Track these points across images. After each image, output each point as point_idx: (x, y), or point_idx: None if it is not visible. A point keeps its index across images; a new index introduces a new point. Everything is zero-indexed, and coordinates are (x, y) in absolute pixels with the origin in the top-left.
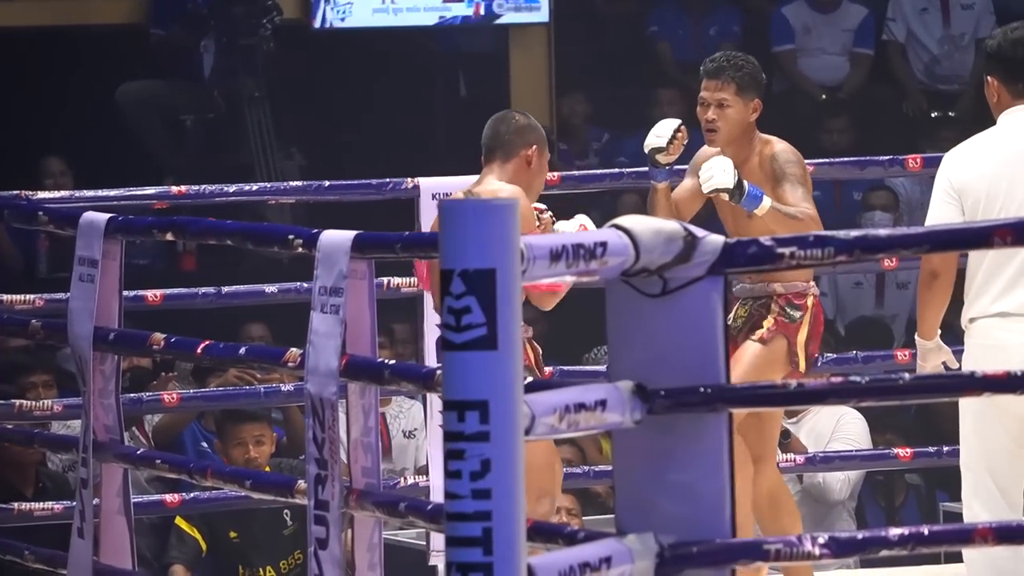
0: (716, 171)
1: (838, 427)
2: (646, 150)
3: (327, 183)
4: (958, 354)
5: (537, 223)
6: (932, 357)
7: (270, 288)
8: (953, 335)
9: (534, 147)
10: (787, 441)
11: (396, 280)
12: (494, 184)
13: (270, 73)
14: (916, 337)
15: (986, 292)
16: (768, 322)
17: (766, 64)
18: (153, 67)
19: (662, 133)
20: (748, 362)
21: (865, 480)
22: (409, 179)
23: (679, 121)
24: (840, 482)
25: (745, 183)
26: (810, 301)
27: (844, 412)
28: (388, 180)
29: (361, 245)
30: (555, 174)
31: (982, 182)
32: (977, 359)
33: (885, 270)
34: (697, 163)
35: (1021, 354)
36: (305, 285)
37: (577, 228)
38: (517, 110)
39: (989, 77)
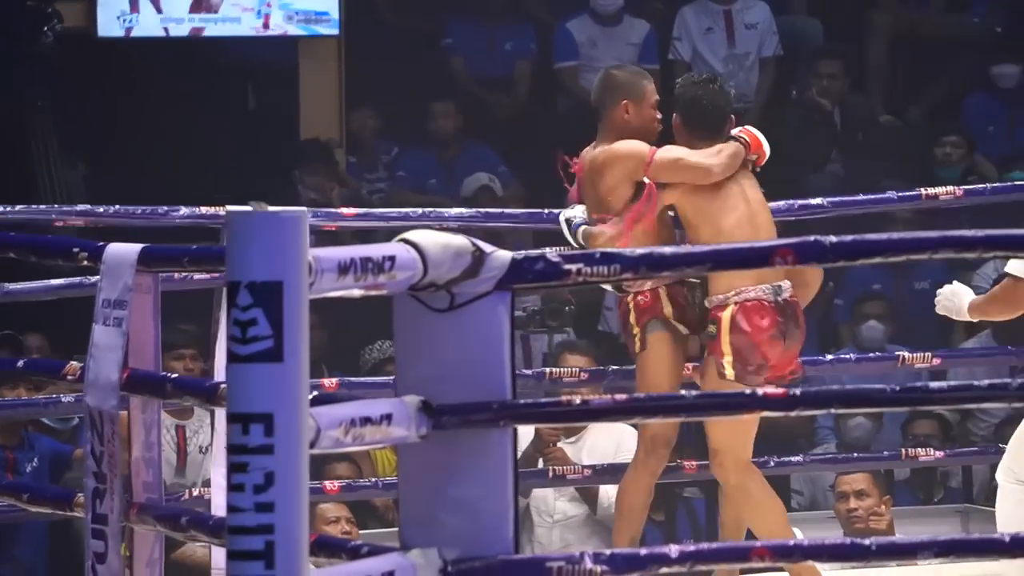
0: None
1: (620, 448)
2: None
3: (113, 208)
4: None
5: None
6: (953, 310)
7: (56, 281)
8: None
9: (624, 102)
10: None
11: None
12: (596, 149)
13: (54, 82)
14: (967, 307)
15: None
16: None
17: (554, 80)
18: None
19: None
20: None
21: None
22: (202, 208)
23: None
24: None
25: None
26: (728, 312)
27: (622, 430)
28: (175, 208)
29: (147, 259)
30: (352, 210)
31: None
32: None
33: None
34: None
35: None
36: (90, 279)
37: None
38: (614, 66)
39: None
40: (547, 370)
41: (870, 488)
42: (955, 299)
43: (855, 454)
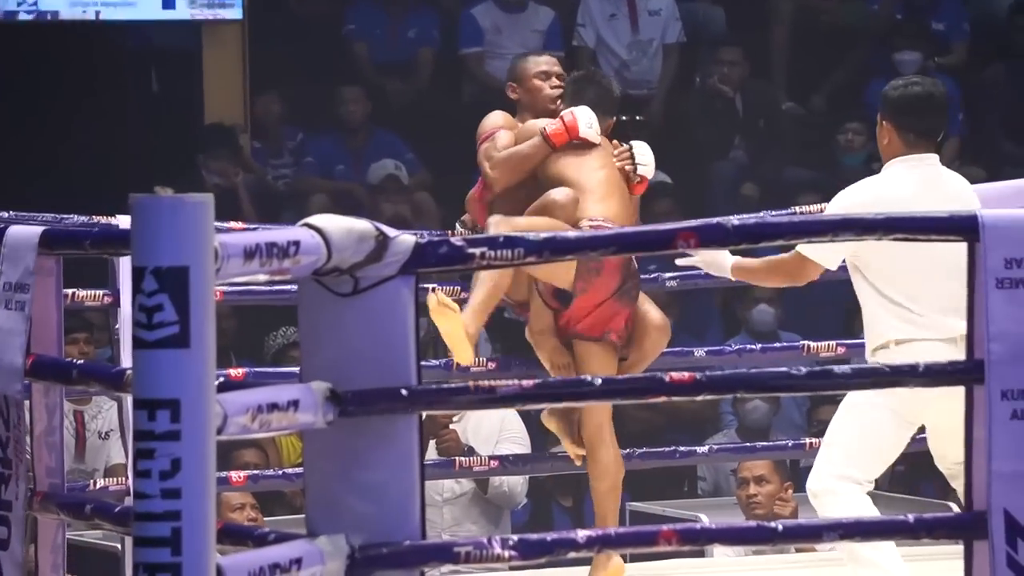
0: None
1: (504, 428)
2: None
3: (8, 214)
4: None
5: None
6: (713, 266)
7: None
8: None
9: (510, 84)
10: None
11: (81, 293)
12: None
13: None
14: (731, 266)
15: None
16: None
17: (459, 67)
18: None
19: None
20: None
21: (550, 480)
22: (101, 217)
23: None
24: (521, 486)
25: None
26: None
27: (506, 412)
28: (70, 217)
29: (49, 241)
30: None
31: None
32: None
33: None
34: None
35: None
36: None
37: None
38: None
39: (885, 122)
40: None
41: (770, 474)
42: (718, 255)
43: (759, 444)
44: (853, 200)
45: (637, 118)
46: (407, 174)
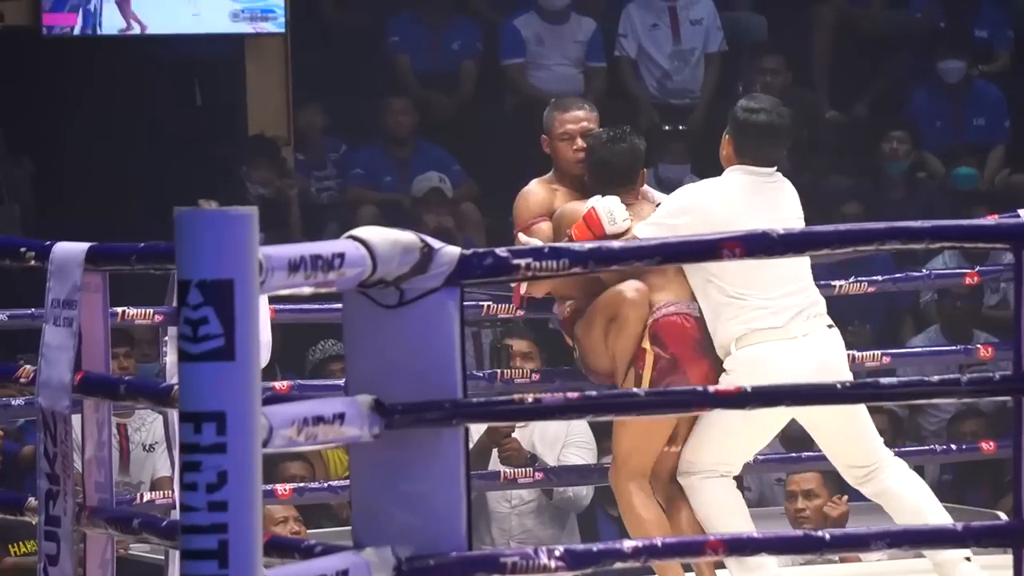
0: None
1: (570, 432)
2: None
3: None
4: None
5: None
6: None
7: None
8: None
9: (543, 137)
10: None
11: (131, 311)
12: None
13: None
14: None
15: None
16: None
17: (500, 77)
18: None
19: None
20: None
21: (597, 489)
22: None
23: None
24: (587, 489)
25: None
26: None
27: None
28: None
29: (95, 257)
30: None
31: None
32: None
33: None
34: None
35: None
36: (36, 311)
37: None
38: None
39: (727, 136)
40: (499, 371)
41: (819, 488)
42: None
43: (804, 454)
44: (684, 201)
45: (680, 128)
46: (451, 186)
